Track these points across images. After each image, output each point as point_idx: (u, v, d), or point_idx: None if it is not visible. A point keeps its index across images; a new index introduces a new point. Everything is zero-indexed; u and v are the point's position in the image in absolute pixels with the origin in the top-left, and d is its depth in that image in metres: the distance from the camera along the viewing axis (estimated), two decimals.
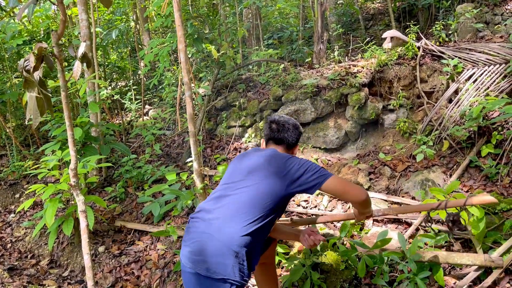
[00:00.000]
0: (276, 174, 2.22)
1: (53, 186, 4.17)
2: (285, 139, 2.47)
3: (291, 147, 2.52)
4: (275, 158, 2.30)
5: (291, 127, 2.49)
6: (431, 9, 8.96)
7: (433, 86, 5.16)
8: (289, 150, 2.51)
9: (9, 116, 7.12)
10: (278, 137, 2.48)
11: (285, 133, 2.47)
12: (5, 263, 4.55)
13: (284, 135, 2.47)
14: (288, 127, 2.49)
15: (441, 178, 4.33)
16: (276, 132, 2.49)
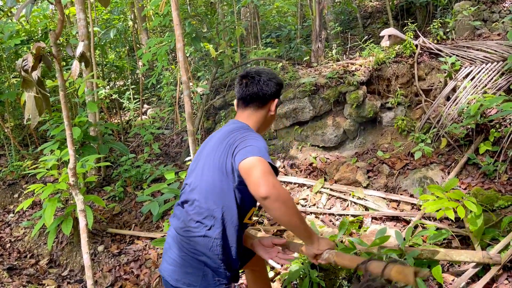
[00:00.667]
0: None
1: (51, 186, 4.17)
2: (255, 94, 1.99)
3: (265, 102, 2.02)
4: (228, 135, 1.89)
5: (263, 77, 2.01)
6: (429, 7, 8.97)
7: (431, 84, 5.17)
8: (263, 107, 2.02)
9: (7, 116, 7.11)
10: (247, 93, 2.00)
11: (255, 87, 1.99)
12: (4, 263, 4.55)
13: (254, 90, 1.99)
14: (259, 78, 2.00)
15: (439, 176, 4.34)
16: (244, 87, 2.02)
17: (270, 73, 2.06)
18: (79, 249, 4.63)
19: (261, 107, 2.02)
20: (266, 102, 2.02)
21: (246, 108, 2.03)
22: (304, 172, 5.14)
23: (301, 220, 1.70)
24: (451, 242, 3.72)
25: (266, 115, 2.04)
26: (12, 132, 6.60)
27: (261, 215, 4.61)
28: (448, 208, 3.18)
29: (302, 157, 5.40)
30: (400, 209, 4.27)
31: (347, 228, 3.55)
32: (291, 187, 4.97)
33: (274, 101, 2.04)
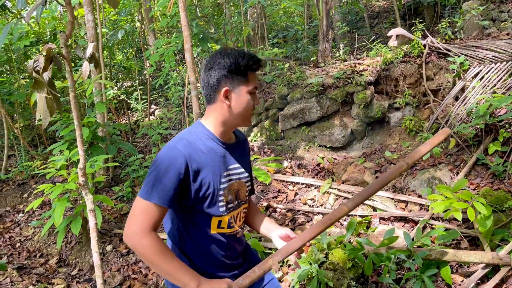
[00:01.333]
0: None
1: (61, 186, 4.20)
2: (204, 88, 1.70)
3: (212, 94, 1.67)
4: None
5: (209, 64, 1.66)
6: (436, 7, 8.94)
7: (439, 84, 5.14)
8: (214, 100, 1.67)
9: (16, 117, 7.18)
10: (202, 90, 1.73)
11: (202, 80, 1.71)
12: (14, 262, 4.59)
13: (203, 83, 1.70)
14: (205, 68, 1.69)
15: (448, 176, 4.32)
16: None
17: (221, 55, 1.65)
18: (88, 248, 4.67)
19: (212, 102, 1.68)
20: (213, 93, 1.66)
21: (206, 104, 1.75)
22: (311, 173, 5.14)
23: (167, 269, 1.50)
24: (460, 243, 3.70)
25: (223, 108, 1.66)
26: (21, 133, 6.66)
27: (269, 215, 4.62)
28: (456, 208, 3.16)
29: (310, 157, 5.39)
30: (408, 210, 4.25)
31: (355, 229, 3.54)
32: (298, 187, 4.97)
33: (223, 89, 1.63)
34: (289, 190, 4.95)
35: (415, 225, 4.06)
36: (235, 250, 1.82)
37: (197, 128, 1.70)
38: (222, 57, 1.63)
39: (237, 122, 1.70)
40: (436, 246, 3.50)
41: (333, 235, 3.88)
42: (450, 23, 6.45)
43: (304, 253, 3.77)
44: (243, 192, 1.80)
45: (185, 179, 1.55)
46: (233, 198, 1.74)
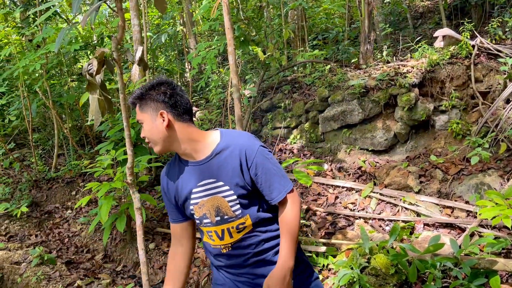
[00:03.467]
0: None
1: (107, 184, 4.36)
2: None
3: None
4: None
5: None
6: (485, 6, 8.59)
7: (489, 86, 4.94)
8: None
9: (65, 118, 7.51)
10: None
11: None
12: (63, 256, 4.81)
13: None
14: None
15: (498, 182, 4.14)
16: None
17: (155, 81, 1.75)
18: (132, 245, 4.82)
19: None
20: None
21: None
22: (352, 176, 5.07)
23: None
24: (511, 251, 3.54)
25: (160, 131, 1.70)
26: (70, 133, 6.96)
27: (308, 218, 4.59)
28: (507, 215, 3.03)
29: (350, 160, 5.32)
30: (455, 216, 4.11)
31: (398, 234, 3.46)
32: (339, 190, 4.91)
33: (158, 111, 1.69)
34: (329, 193, 4.91)
35: (461, 232, 3.92)
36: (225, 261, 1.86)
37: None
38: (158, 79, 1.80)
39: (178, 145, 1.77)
40: (485, 255, 3.37)
41: (376, 240, 3.81)
42: (500, 23, 6.18)
43: (345, 257, 3.73)
44: (225, 207, 1.75)
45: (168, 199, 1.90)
46: (210, 214, 1.76)
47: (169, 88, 1.72)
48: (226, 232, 1.77)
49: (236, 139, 1.77)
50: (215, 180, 1.75)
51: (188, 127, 1.73)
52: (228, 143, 1.76)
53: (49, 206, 6.17)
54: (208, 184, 1.75)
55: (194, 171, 1.76)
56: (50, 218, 5.87)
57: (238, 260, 1.82)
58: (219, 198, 1.75)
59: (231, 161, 1.74)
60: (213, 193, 1.75)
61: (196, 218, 1.81)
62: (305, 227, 4.43)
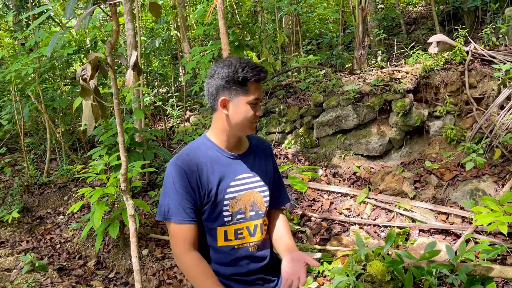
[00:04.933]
0: None
1: (100, 190, 4.30)
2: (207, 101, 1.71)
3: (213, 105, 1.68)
4: None
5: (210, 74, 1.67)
6: (477, 12, 8.66)
7: (483, 92, 4.96)
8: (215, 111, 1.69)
9: (58, 122, 7.44)
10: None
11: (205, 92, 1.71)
12: (55, 263, 4.73)
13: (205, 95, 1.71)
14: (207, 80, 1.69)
15: (492, 188, 4.14)
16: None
17: (222, 65, 1.63)
18: (125, 252, 4.76)
19: (214, 110, 1.70)
20: (213, 103, 1.67)
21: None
22: (347, 181, 5.05)
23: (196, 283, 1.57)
24: (506, 258, 3.54)
25: (222, 117, 1.66)
26: (62, 137, 6.89)
27: (303, 224, 4.57)
28: (502, 222, 3.03)
29: (345, 165, 5.31)
30: (450, 222, 4.10)
31: (394, 240, 3.44)
32: (333, 196, 4.89)
33: (220, 99, 1.62)
34: (324, 199, 4.88)
35: (457, 238, 3.91)
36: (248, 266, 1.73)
37: (200, 139, 1.73)
38: (222, 67, 1.62)
39: (237, 131, 1.68)
40: (481, 261, 3.36)
41: (371, 247, 3.79)
42: (494, 29, 6.23)
43: (340, 264, 3.70)
44: (260, 202, 1.75)
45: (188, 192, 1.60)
46: (245, 209, 1.71)
47: None
48: (258, 228, 1.74)
49: (257, 137, 1.87)
50: (253, 175, 1.74)
51: None
52: (256, 140, 1.84)
53: (40, 211, 6.09)
54: (246, 178, 1.72)
55: (234, 164, 1.71)
56: (41, 223, 5.79)
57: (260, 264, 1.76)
58: (256, 193, 1.73)
59: (264, 158, 1.81)
60: (250, 188, 1.72)
61: (227, 215, 1.68)
62: (300, 233, 4.40)
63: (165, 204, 1.61)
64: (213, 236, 1.69)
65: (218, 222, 1.67)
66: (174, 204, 1.59)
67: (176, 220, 1.58)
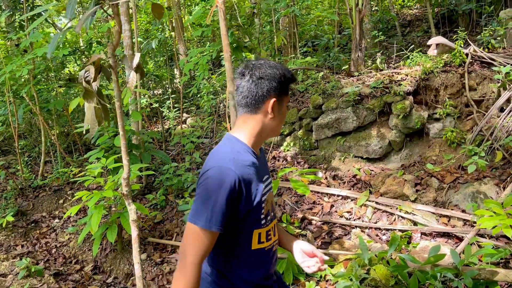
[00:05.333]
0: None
1: (98, 193, 4.24)
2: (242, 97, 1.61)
3: (257, 106, 1.59)
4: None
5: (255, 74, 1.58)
6: (472, 15, 8.71)
7: (483, 94, 4.96)
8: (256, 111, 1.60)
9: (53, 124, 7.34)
10: (238, 99, 1.64)
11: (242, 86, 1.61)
12: (51, 268, 4.65)
13: (241, 90, 1.61)
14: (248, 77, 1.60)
15: (494, 191, 4.13)
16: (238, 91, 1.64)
17: (267, 65, 1.60)
18: (123, 256, 4.68)
19: (253, 113, 1.61)
20: (258, 106, 1.59)
21: (240, 114, 1.66)
22: (347, 184, 5.02)
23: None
24: (509, 261, 3.52)
25: (264, 119, 1.61)
26: (57, 139, 6.79)
27: (304, 227, 4.53)
28: (507, 225, 3.01)
29: (345, 168, 5.28)
30: (451, 225, 4.09)
31: (398, 244, 3.41)
32: (334, 199, 4.86)
33: (270, 100, 1.58)
34: (325, 202, 4.85)
35: (459, 242, 3.89)
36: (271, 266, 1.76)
37: (236, 143, 1.62)
38: (271, 68, 1.59)
39: (271, 133, 1.68)
40: (485, 265, 3.34)
41: (374, 250, 3.76)
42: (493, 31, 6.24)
43: (343, 268, 3.66)
44: (273, 203, 1.78)
45: (238, 198, 1.51)
46: (270, 209, 1.71)
47: None
48: (275, 227, 1.78)
49: None
50: (268, 176, 1.73)
51: None
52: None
53: (35, 215, 5.99)
54: (268, 179, 1.71)
55: (260, 166, 1.67)
56: (36, 227, 5.69)
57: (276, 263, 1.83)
58: (272, 194, 1.75)
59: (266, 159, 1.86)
60: (270, 189, 1.73)
61: (263, 217, 1.64)
62: (301, 236, 4.36)
63: (205, 206, 1.47)
64: (248, 240, 1.63)
65: (255, 226, 1.62)
66: (216, 210, 1.47)
67: (217, 228, 1.47)
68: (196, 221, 1.46)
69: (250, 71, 1.60)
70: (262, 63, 1.62)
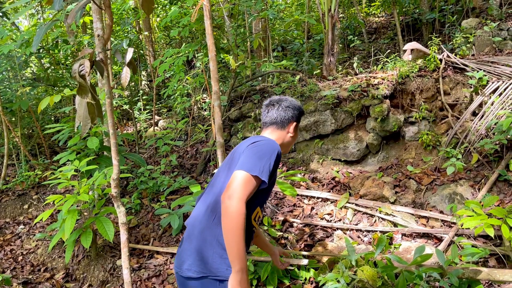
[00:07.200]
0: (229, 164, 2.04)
1: (73, 197, 4.02)
2: (273, 119, 2.17)
3: (283, 125, 2.17)
4: (244, 143, 2.04)
5: (283, 104, 2.19)
6: (435, 24, 9.05)
7: (456, 99, 5.13)
8: (282, 129, 2.17)
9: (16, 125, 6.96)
10: (268, 118, 2.21)
11: (274, 112, 2.18)
12: (19, 276, 4.37)
13: (274, 115, 2.18)
14: (278, 105, 2.19)
15: (469, 192, 4.27)
16: (267, 113, 2.23)
17: (290, 100, 2.26)
18: (97, 262, 4.47)
19: (280, 129, 2.19)
20: (284, 125, 2.19)
21: (267, 128, 2.23)
22: (326, 186, 5.04)
23: (236, 241, 1.75)
24: (488, 261, 3.63)
25: (285, 136, 2.21)
26: (21, 141, 6.43)
27: (285, 230, 4.50)
28: (489, 225, 3.10)
29: (324, 170, 5.31)
30: (430, 226, 4.18)
31: (385, 246, 3.44)
32: (314, 201, 4.86)
33: (292, 124, 2.21)
34: (305, 204, 4.84)
35: (438, 242, 3.98)
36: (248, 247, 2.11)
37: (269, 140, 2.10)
38: (293, 102, 2.25)
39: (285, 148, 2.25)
40: (467, 264, 3.43)
41: (358, 252, 3.78)
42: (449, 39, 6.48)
43: (328, 270, 3.65)
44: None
45: (275, 166, 1.94)
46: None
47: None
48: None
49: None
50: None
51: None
52: None
53: None
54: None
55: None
56: (0, 234, 5.34)
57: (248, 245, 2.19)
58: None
59: None
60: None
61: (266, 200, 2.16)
62: (283, 239, 4.33)
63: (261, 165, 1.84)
64: (250, 213, 2.01)
65: (260, 203, 2.04)
66: (268, 166, 1.85)
67: (263, 176, 1.81)
68: (251, 170, 1.81)
69: (278, 102, 2.22)
70: (286, 98, 2.28)
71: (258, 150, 1.90)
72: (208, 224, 1.96)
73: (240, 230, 1.73)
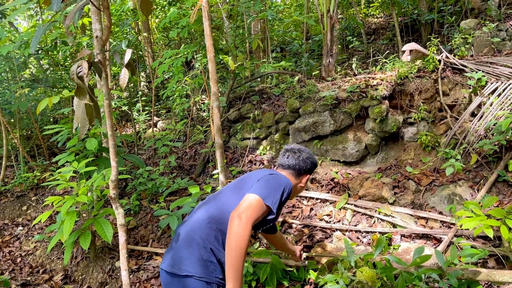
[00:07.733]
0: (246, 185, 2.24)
1: (72, 199, 4.02)
2: (292, 166, 2.44)
3: (299, 174, 2.46)
4: (260, 173, 2.29)
5: (303, 155, 2.48)
6: (433, 25, 9.06)
7: (455, 100, 5.13)
8: (296, 177, 2.46)
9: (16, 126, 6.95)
10: (286, 163, 2.47)
11: (294, 160, 2.45)
12: (18, 278, 4.37)
13: (292, 162, 2.45)
14: (299, 155, 2.47)
15: (468, 193, 4.26)
16: (286, 158, 2.50)
17: (309, 153, 2.54)
18: (96, 264, 4.47)
19: (294, 176, 2.45)
20: (299, 175, 2.46)
21: (283, 171, 2.47)
22: (325, 187, 5.04)
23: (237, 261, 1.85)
24: (487, 261, 3.63)
25: (297, 185, 2.47)
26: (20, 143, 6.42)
27: (285, 231, 4.49)
28: (488, 225, 3.10)
29: (323, 172, 5.30)
30: (429, 227, 4.17)
31: (384, 247, 3.44)
32: (313, 202, 4.86)
33: (306, 176, 2.49)
34: (304, 205, 4.84)
35: (437, 243, 3.98)
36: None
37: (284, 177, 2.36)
38: (311, 154, 2.55)
39: (292, 195, 2.49)
40: (466, 265, 3.42)
41: (358, 253, 3.77)
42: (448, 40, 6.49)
43: (327, 271, 3.65)
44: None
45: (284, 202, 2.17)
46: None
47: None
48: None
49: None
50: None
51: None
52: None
53: None
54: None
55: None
56: None
57: None
58: None
59: None
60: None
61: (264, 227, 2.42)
62: None
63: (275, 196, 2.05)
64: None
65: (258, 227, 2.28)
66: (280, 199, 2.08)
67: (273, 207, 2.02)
68: (265, 198, 2.00)
69: (300, 152, 2.49)
70: (304, 148, 2.56)
71: (275, 182, 2.11)
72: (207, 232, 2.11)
73: (242, 250, 1.84)
